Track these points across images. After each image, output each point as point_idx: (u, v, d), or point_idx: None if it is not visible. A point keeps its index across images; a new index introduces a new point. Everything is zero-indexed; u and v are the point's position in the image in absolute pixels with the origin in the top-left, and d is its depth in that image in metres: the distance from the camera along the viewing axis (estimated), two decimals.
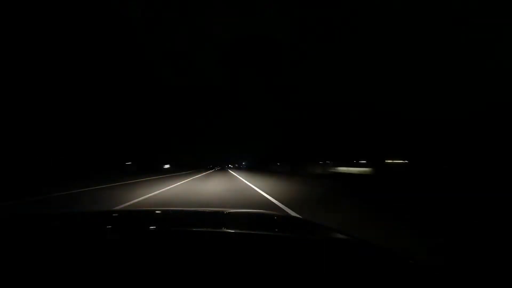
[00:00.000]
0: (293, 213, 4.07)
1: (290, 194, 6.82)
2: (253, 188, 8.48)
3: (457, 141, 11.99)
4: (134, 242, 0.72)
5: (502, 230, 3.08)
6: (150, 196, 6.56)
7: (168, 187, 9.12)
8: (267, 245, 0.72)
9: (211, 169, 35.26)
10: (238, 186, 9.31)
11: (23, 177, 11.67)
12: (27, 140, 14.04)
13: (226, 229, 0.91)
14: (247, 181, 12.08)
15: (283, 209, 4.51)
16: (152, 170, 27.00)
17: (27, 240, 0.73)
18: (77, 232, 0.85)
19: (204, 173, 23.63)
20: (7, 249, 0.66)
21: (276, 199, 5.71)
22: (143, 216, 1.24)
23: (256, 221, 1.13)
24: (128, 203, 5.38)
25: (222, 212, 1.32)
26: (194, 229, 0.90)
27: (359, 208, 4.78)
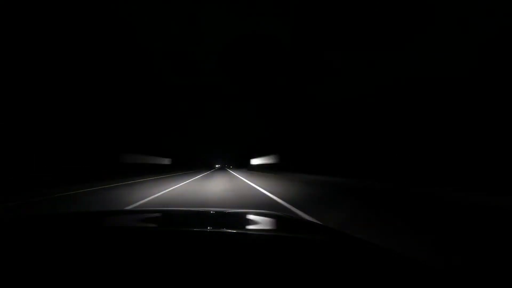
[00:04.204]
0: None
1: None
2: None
3: None
4: (134, 243, 0.72)
5: None
6: None
7: None
8: (268, 245, 0.72)
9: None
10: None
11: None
12: (27, 141, 13.99)
13: (227, 229, 0.91)
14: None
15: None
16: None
17: (28, 241, 0.73)
18: (77, 232, 0.85)
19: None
20: (8, 250, 0.66)
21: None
22: (143, 216, 1.25)
23: (257, 221, 1.13)
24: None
25: (223, 212, 1.32)
26: (195, 229, 0.90)
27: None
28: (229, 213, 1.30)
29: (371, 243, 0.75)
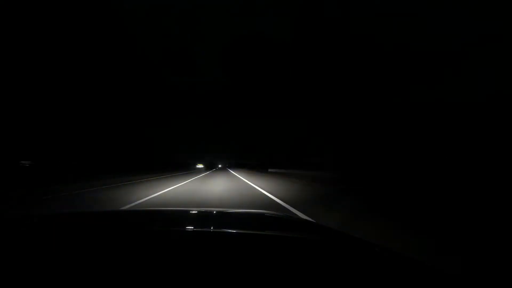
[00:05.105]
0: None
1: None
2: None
3: None
4: (134, 242, 0.72)
5: None
6: None
7: None
8: (268, 245, 0.72)
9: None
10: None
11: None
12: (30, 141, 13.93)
13: (227, 229, 0.91)
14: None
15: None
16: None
17: (28, 241, 0.73)
18: (77, 232, 0.85)
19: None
20: (8, 249, 0.66)
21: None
22: (143, 216, 1.25)
23: (257, 221, 1.14)
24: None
25: (223, 212, 1.32)
26: (195, 229, 0.90)
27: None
28: (228, 213, 1.30)
29: (370, 242, 0.76)
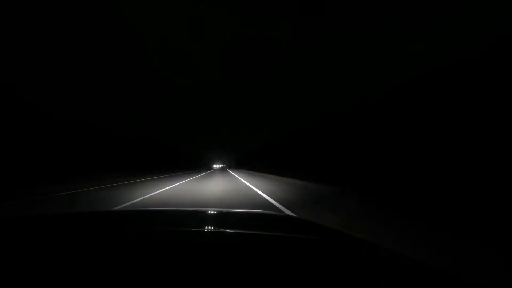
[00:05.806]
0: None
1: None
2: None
3: None
4: (133, 243, 0.72)
5: None
6: None
7: None
8: (267, 245, 0.72)
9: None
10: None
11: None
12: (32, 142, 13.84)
13: (226, 229, 0.91)
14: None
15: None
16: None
17: (26, 241, 0.72)
18: (76, 232, 0.85)
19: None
20: (6, 250, 0.66)
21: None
22: (142, 216, 1.24)
23: (256, 221, 1.13)
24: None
25: (222, 212, 1.32)
26: (194, 229, 0.90)
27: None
28: (227, 213, 1.29)
29: (370, 242, 0.75)
